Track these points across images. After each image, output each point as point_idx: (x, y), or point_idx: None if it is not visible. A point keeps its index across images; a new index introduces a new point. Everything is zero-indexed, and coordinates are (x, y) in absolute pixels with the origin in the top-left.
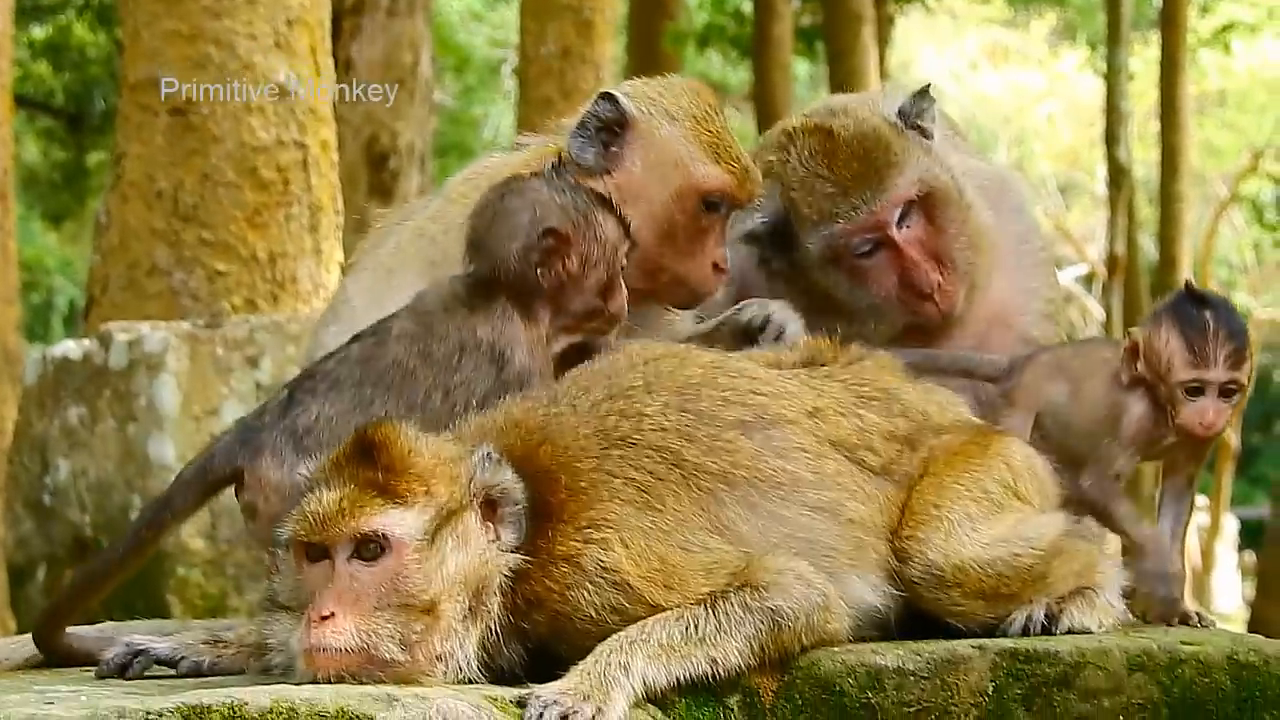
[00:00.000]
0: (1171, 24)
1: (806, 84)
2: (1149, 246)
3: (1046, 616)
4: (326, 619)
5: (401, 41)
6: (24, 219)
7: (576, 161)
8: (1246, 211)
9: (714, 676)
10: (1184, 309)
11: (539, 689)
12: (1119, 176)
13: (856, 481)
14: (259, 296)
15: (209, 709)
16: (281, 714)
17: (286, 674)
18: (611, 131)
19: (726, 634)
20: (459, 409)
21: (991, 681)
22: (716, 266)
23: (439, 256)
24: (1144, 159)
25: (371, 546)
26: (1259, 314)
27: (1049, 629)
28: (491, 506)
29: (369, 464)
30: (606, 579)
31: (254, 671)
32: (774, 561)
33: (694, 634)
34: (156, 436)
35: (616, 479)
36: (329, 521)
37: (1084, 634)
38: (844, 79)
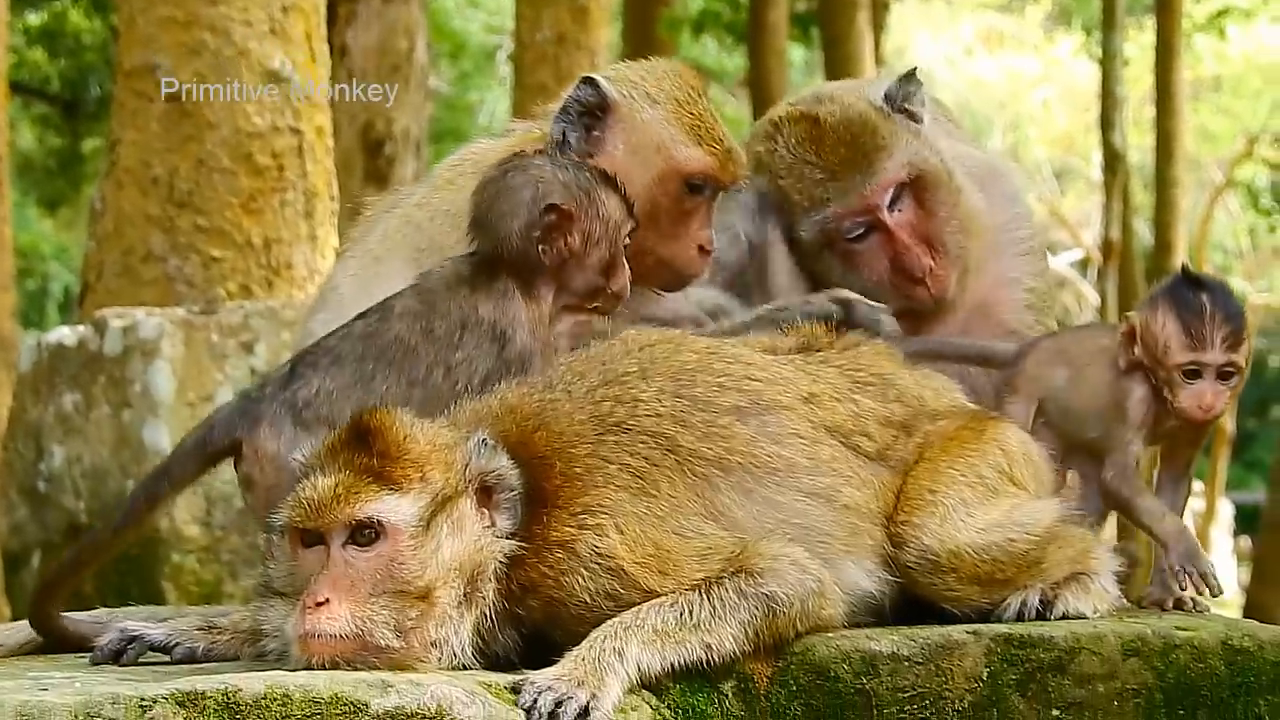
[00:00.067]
0: (1166, 9)
1: (802, 70)
2: (1144, 232)
3: (1041, 602)
4: (321, 605)
5: (397, 28)
6: (19, 205)
7: (559, 147)
8: (1241, 197)
9: (708, 662)
10: (1180, 292)
11: (533, 675)
12: (1114, 162)
13: (852, 467)
14: (254, 282)
15: (203, 695)
16: (276, 700)
17: (281, 660)
18: (593, 116)
19: (721, 620)
20: (460, 386)
21: (986, 667)
22: (702, 248)
23: (426, 243)
24: (1139, 144)
25: (367, 532)
26: (1254, 299)
27: (1044, 614)
28: (487, 493)
29: (364, 450)
30: (601, 565)
31: (248, 658)
32: (769, 547)
33: (688, 620)
34: (151, 423)
35: (611, 465)
36: (324, 507)
37: (1079, 619)
38: (839, 65)
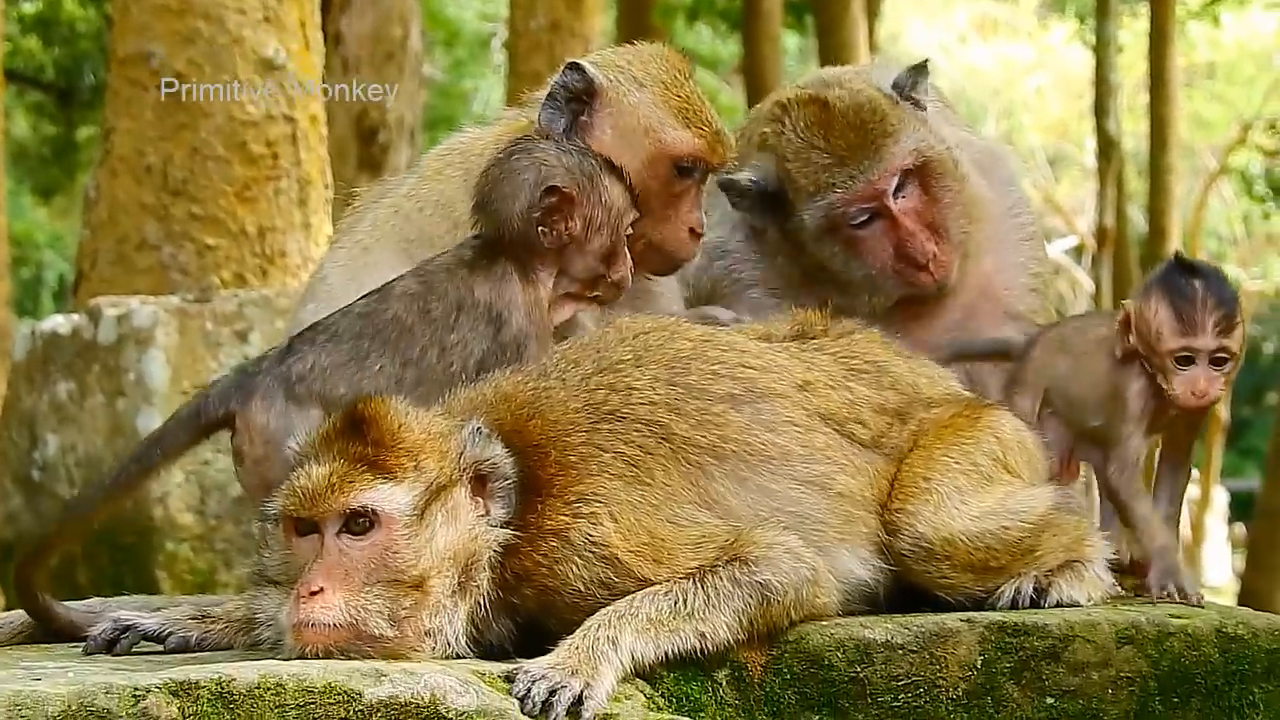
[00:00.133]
0: None
1: (796, 57)
2: (1138, 218)
3: (1035, 590)
4: (315, 594)
5: (391, 15)
6: (13, 194)
7: (564, 134)
8: (1235, 184)
9: (702, 651)
10: (1173, 278)
11: (527, 663)
12: (1108, 149)
13: (846, 455)
14: (248, 271)
15: (197, 685)
16: (269, 689)
17: (275, 649)
18: (580, 101)
19: (715, 608)
20: (454, 368)
21: (980, 655)
22: (693, 231)
23: (414, 233)
24: (1133, 131)
25: (361, 521)
26: (1248, 285)
27: (1037, 602)
28: (481, 481)
29: (359, 439)
30: (595, 553)
31: (242, 647)
32: (763, 535)
33: (682, 608)
34: (145, 411)
35: (606, 453)
36: (318, 496)
37: (1072, 607)
38: (833, 52)
